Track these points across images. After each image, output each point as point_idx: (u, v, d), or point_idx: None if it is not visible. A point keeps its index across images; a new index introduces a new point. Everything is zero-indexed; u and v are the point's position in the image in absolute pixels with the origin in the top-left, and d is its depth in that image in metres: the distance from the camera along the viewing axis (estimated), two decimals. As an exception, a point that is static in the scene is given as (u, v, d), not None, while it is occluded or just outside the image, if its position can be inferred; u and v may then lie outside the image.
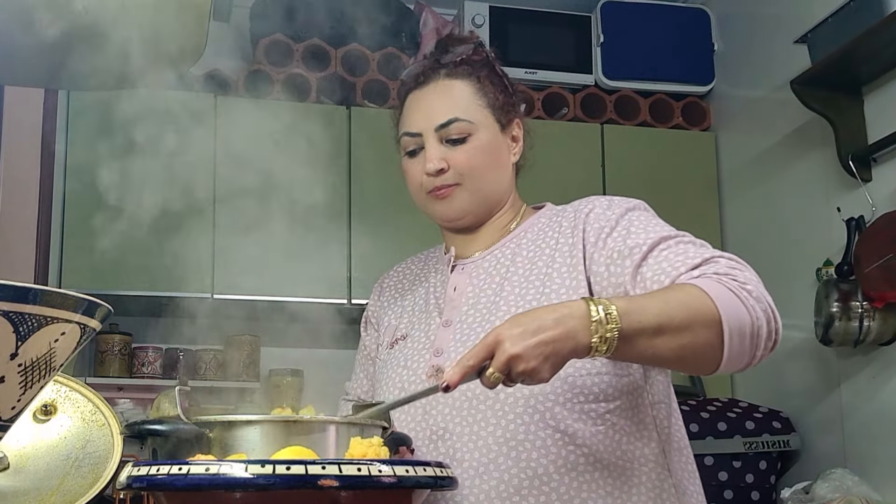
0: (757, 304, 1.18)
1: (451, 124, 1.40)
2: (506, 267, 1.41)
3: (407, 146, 1.44)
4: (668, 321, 1.13)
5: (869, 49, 2.69)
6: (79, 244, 3.05)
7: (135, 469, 0.99)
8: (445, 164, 1.40)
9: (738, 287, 1.18)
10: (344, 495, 0.94)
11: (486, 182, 1.42)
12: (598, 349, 1.10)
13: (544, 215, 1.47)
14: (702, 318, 1.14)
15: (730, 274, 1.20)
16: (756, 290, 1.19)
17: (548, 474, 1.26)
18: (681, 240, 1.29)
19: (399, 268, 1.62)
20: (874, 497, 2.58)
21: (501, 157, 1.45)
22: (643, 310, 1.13)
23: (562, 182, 2.62)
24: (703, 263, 1.23)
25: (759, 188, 3.37)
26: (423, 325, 1.45)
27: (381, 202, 3.22)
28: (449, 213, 1.43)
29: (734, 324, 1.15)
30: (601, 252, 1.32)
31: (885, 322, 2.70)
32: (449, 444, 1.31)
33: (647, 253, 1.28)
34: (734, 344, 1.16)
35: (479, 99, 1.43)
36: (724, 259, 1.24)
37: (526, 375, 1.08)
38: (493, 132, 1.43)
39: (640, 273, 1.27)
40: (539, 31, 3.53)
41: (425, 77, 1.46)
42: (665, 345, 1.14)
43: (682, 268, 1.23)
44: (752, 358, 1.19)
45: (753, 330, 1.17)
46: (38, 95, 3.01)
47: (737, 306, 1.16)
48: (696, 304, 1.15)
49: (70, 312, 0.88)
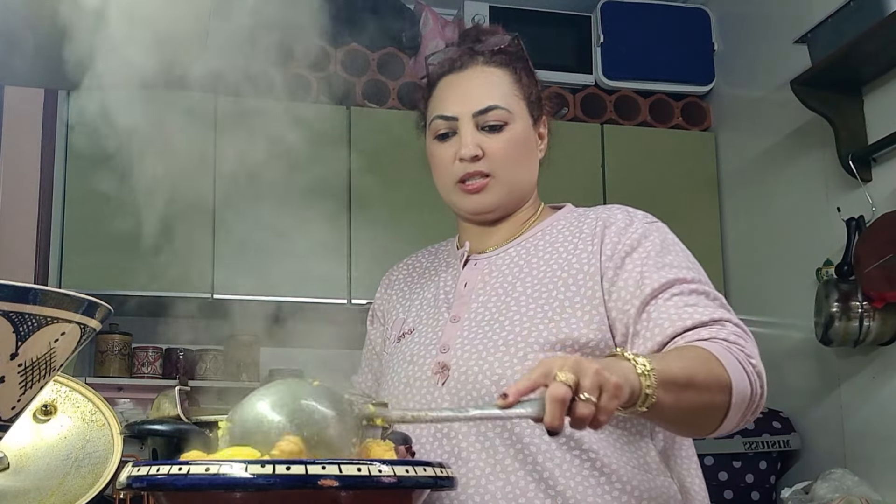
0: (758, 381, 1.19)
1: (489, 111, 1.39)
2: (519, 266, 1.40)
3: (439, 129, 1.42)
4: (695, 376, 1.12)
5: (869, 49, 2.69)
6: (79, 244, 3.06)
7: (135, 469, 0.99)
8: (480, 151, 1.38)
9: (745, 359, 1.19)
10: (344, 495, 0.94)
11: (517, 175, 1.41)
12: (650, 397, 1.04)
13: (564, 217, 1.45)
14: (720, 381, 1.14)
15: (738, 344, 1.21)
16: (759, 364, 1.21)
17: (553, 478, 1.26)
18: (695, 288, 1.27)
19: (409, 261, 1.60)
20: (874, 497, 2.58)
21: (532, 151, 1.44)
22: (668, 362, 1.11)
23: (562, 182, 2.62)
24: (710, 323, 1.23)
25: (759, 188, 3.37)
26: (430, 320, 1.43)
27: (380, 202, 3.22)
28: (479, 207, 1.42)
29: (740, 394, 1.16)
30: (617, 273, 1.31)
31: (885, 322, 2.70)
32: (454, 442, 1.30)
33: (658, 293, 1.27)
34: (734, 413, 1.17)
35: (516, 90, 1.43)
36: (731, 325, 1.24)
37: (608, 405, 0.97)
38: (527, 125, 1.43)
39: (646, 311, 1.26)
40: (539, 31, 3.52)
41: (462, 62, 1.44)
42: (689, 400, 1.11)
43: (689, 321, 1.23)
44: (735, 427, 1.20)
45: (752, 402, 1.19)
46: (38, 95, 3.02)
47: (743, 378, 1.17)
48: (713, 367, 1.15)
49: (70, 312, 0.88)
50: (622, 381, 0.99)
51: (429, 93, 1.47)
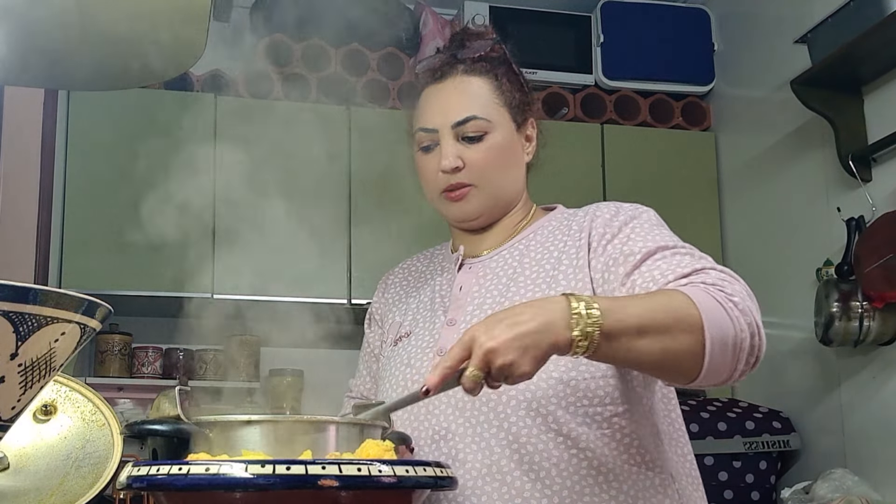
0: (742, 317, 1.15)
1: (467, 122, 1.39)
2: (513, 268, 1.40)
3: (422, 142, 1.43)
4: (651, 322, 1.11)
5: (869, 49, 2.69)
6: (79, 244, 3.06)
7: (135, 469, 0.99)
8: (461, 162, 1.39)
9: (724, 298, 1.16)
10: (344, 495, 0.94)
11: (500, 182, 1.42)
12: (578, 344, 1.07)
13: (555, 218, 1.46)
14: (684, 323, 1.11)
15: (717, 285, 1.18)
16: (743, 303, 1.16)
17: (550, 478, 1.26)
18: (678, 251, 1.27)
19: (405, 264, 1.61)
20: (874, 497, 2.58)
21: (516, 156, 1.44)
22: (625, 309, 1.11)
23: (562, 182, 2.62)
24: (692, 273, 1.21)
25: (759, 188, 3.37)
26: (427, 324, 1.44)
27: (381, 202, 3.22)
28: (463, 215, 1.43)
29: (716, 333, 1.12)
30: (600, 258, 1.32)
31: (885, 322, 2.70)
32: (451, 444, 1.30)
33: (641, 261, 1.26)
34: (715, 353, 1.12)
35: (496, 97, 1.42)
36: (716, 271, 1.22)
37: (506, 370, 1.04)
38: (509, 131, 1.43)
39: (630, 279, 1.26)
40: (539, 31, 3.52)
41: (443, 72, 1.44)
42: (646, 347, 1.11)
43: (671, 276, 1.22)
44: (732, 371, 1.16)
45: (736, 342, 1.14)
46: (38, 95, 3.01)
47: (721, 316, 1.13)
48: (680, 308, 1.12)
49: (70, 312, 0.88)
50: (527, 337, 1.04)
51: (414, 103, 1.48)
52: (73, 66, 1.40)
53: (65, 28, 1.37)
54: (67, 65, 1.38)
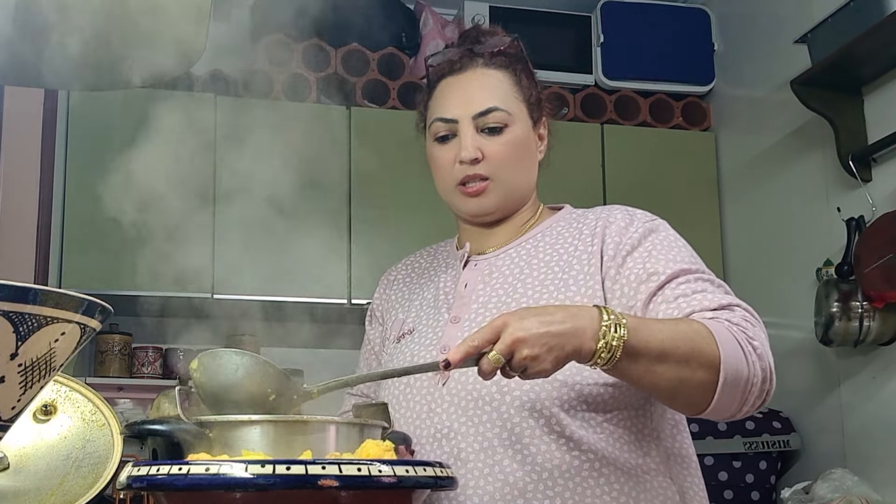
0: (758, 362, 1.19)
1: (489, 113, 1.39)
2: (520, 268, 1.40)
3: (438, 131, 1.42)
4: (672, 350, 1.14)
5: (869, 49, 2.69)
6: (79, 244, 3.06)
7: (135, 469, 0.99)
8: (480, 154, 1.38)
9: (745, 340, 1.19)
10: (344, 495, 0.94)
11: (516, 177, 1.41)
12: (600, 356, 1.10)
13: (563, 218, 1.45)
14: (703, 357, 1.15)
15: (741, 325, 1.21)
16: (761, 347, 1.20)
17: (552, 478, 1.26)
18: (700, 276, 1.29)
19: (407, 261, 1.60)
20: (874, 497, 2.58)
21: (532, 153, 1.44)
22: (650, 331, 1.14)
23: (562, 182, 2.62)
24: (719, 309, 1.23)
25: (759, 188, 3.37)
26: (430, 321, 1.43)
27: (381, 202, 3.22)
28: (480, 209, 1.42)
29: (731, 373, 1.16)
30: (619, 271, 1.32)
31: (885, 322, 2.70)
32: (453, 443, 1.30)
33: (664, 283, 1.27)
34: (726, 392, 1.16)
35: (516, 92, 1.42)
36: (741, 310, 1.25)
37: (527, 363, 1.07)
38: (527, 127, 1.43)
39: (653, 301, 1.27)
40: (539, 31, 3.52)
41: (462, 64, 1.44)
42: (663, 373, 1.14)
43: (698, 307, 1.24)
44: (738, 410, 1.20)
45: (748, 385, 1.18)
46: (38, 95, 3.01)
47: (739, 358, 1.17)
48: (702, 342, 1.16)
49: (70, 312, 0.88)
50: (555, 337, 1.07)
51: (428, 94, 1.47)
52: (74, 66, 1.40)
53: (65, 27, 1.36)
54: (68, 65, 1.38)
